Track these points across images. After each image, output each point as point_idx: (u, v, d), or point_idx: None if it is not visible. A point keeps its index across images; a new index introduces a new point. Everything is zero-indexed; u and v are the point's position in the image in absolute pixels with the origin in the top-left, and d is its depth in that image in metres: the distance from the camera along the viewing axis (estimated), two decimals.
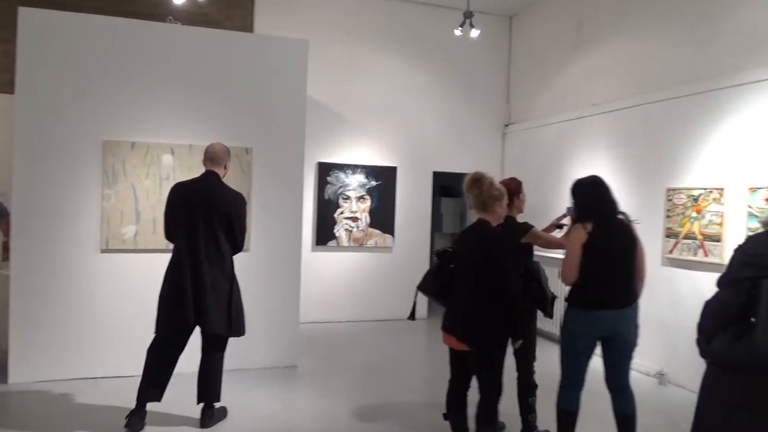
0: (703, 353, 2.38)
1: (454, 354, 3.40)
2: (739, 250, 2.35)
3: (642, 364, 5.68)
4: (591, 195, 3.49)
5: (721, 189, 4.90)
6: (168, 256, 3.91)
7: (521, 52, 8.25)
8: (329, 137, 7.57)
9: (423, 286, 3.50)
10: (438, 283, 3.41)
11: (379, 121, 7.82)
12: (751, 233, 4.58)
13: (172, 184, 4.13)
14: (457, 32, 6.77)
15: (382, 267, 7.57)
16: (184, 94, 5.16)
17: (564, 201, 6.39)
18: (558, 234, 4.15)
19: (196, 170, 4.57)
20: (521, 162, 7.87)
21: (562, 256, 3.41)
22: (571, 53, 7.07)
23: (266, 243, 5.31)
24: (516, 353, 3.69)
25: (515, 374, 3.83)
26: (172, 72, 5.14)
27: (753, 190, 4.61)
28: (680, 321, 5.14)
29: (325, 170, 7.56)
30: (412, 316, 3.76)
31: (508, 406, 3.96)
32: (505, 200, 3.39)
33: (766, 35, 4.65)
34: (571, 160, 6.82)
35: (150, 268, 4.55)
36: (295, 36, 5.99)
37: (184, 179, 4.14)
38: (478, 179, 3.33)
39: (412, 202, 7.84)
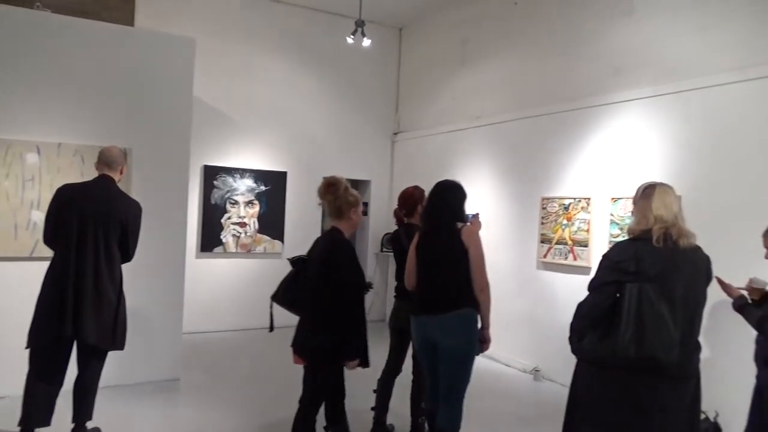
0: (574, 350, 2.63)
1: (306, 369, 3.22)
2: (606, 257, 2.58)
3: (519, 361, 6.07)
4: (430, 200, 3.39)
5: (588, 198, 5.37)
6: (30, 264, 3.55)
7: (410, 64, 8.51)
8: (217, 140, 7.32)
9: (276, 296, 3.27)
10: (291, 292, 3.22)
11: (269, 125, 7.69)
12: (613, 239, 5.07)
13: (37, 185, 3.76)
14: (349, 40, 6.84)
15: (270, 273, 7.30)
16: (55, 88, 4.73)
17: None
18: None
19: (66, 172, 4.20)
20: (409, 170, 8.09)
21: None
22: (457, 68, 7.41)
23: (147, 249, 4.96)
24: (414, 356, 3.78)
25: (411, 376, 3.96)
26: (41, 63, 4.70)
27: (614, 199, 5.11)
28: (554, 320, 5.54)
29: (211, 174, 7.28)
30: (271, 329, 3.38)
31: (402, 407, 4.06)
32: (361, 207, 3.24)
33: (624, 61, 5.18)
34: (456, 169, 7.13)
35: (9, 278, 4.10)
36: (178, 32, 5.73)
37: (71, 181, 3.82)
38: (332, 184, 3.15)
39: (303, 207, 7.78)
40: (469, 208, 3.56)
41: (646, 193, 2.57)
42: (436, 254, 3.24)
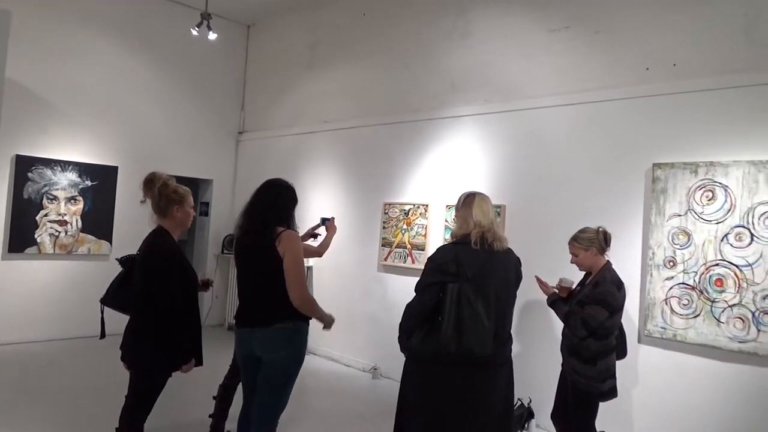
0: (403, 349, 2.79)
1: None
2: (430, 260, 2.78)
3: (358, 360, 6.24)
4: (254, 199, 3.10)
5: (426, 205, 5.72)
6: None
7: (258, 63, 8.35)
8: (35, 128, 6.50)
9: (106, 299, 3.08)
10: (122, 294, 3.03)
11: (100, 115, 7.02)
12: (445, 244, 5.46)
13: None
14: (194, 32, 6.52)
15: (95, 277, 6.70)
16: None
17: (309, 210, 6.66)
18: (313, 243, 4.18)
19: None
20: (255, 171, 7.92)
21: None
22: (305, 71, 7.44)
23: None
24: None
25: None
26: None
27: (449, 207, 5.50)
28: (392, 320, 5.75)
29: (25, 165, 6.44)
30: (102, 335, 3.15)
31: None
32: (188, 204, 3.05)
33: (461, 79, 5.62)
34: (304, 172, 7.14)
35: None
36: None
37: None
38: (150, 180, 2.99)
39: (136, 206, 7.20)
40: (324, 211, 3.55)
41: (467, 201, 2.85)
42: (254, 261, 2.99)
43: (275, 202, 3.06)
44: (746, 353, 3.70)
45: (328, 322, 3.20)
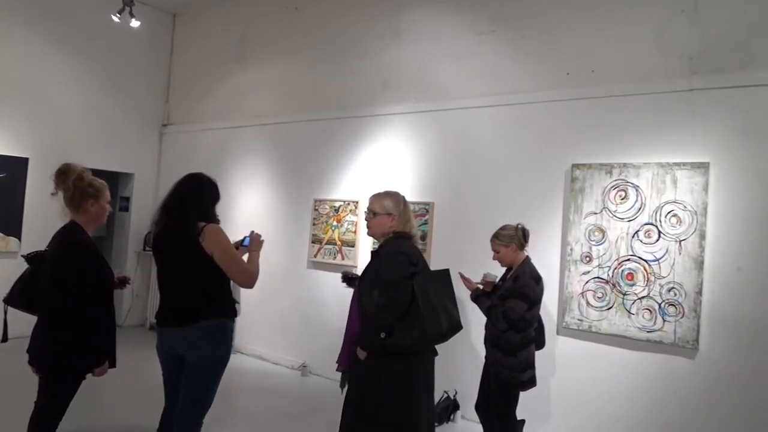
0: (384, 346, 2.74)
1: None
2: (402, 253, 2.85)
3: (287, 358, 6.18)
4: (174, 193, 2.98)
5: (357, 202, 5.74)
6: None
7: (184, 54, 8.06)
8: None
9: (10, 299, 2.90)
10: (28, 293, 2.86)
11: (9, 103, 6.56)
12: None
13: None
14: (115, 18, 6.23)
15: (2, 275, 6.31)
16: None
17: (237, 208, 6.49)
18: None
19: None
20: (180, 165, 7.59)
21: None
22: (235, 64, 7.26)
23: None
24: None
25: None
26: None
27: None
28: (322, 317, 5.78)
29: None
30: (4, 338, 2.97)
31: None
32: (104, 199, 2.93)
33: (392, 78, 5.67)
34: (233, 167, 6.98)
35: None
36: None
37: None
38: (63, 172, 2.85)
39: (49, 200, 6.78)
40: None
41: (405, 201, 3.07)
42: (176, 258, 2.87)
43: (196, 196, 2.93)
44: (653, 342, 3.96)
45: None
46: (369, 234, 3.12)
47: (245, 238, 3.22)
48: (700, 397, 3.83)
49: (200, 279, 2.83)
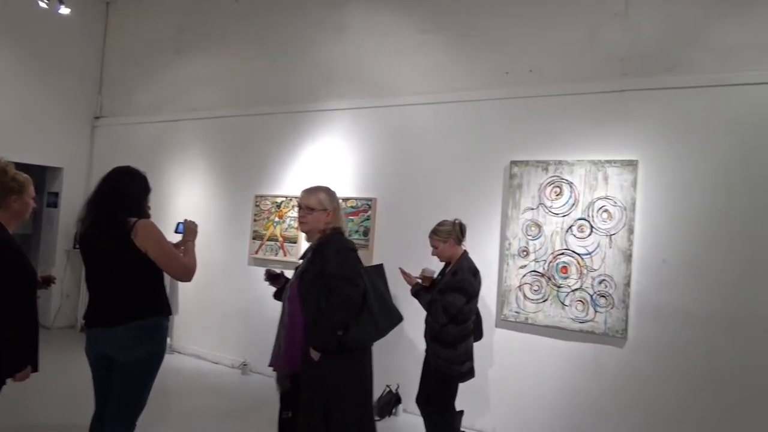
0: (341, 343, 2.73)
1: None
2: (350, 250, 2.85)
3: (227, 357, 6.06)
4: (101, 187, 2.85)
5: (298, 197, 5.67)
6: None
7: (118, 44, 7.73)
8: None
9: None
10: None
11: None
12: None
13: None
14: (42, 5, 5.90)
15: None
16: None
17: (174, 204, 6.29)
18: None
19: None
20: (113, 158, 7.20)
21: None
22: (173, 56, 7.03)
23: None
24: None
25: None
26: None
27: None
28: (263, 315, 5.69)
29: None
30: None
31: None
32: (28, 195, 2.79)
33: (335, 73, 5.64)
34: (170, 162, 6.76)
35: None
36: None
37: None
38: None
39: None
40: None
41: (336, 196, 3.05)
42: (105, 255, 2.73)
43: (124, 191, 2.81)
44: (585, 332, 4.13)
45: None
46: (303, 230, 3.03)
47: (178, 224, 3.15)
48: (628, 383, 4.02)
49: (132, 276, 2.73)
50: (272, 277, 3.17)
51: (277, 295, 3.14)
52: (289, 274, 3.21)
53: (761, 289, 3.67)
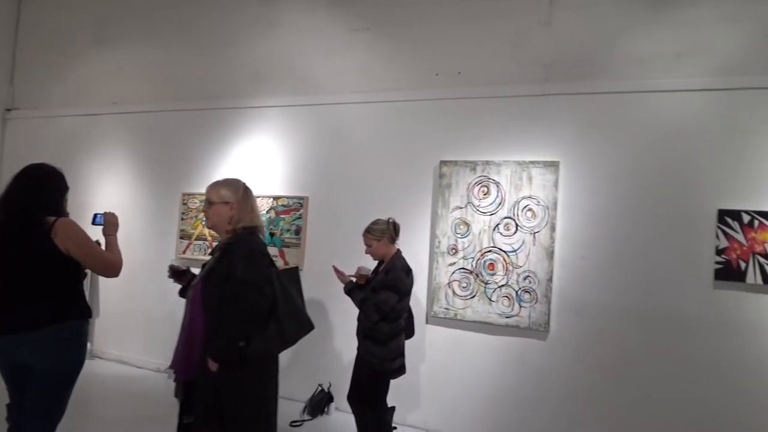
0: (242, 355, 2.50)
1: None
2: (257, 252, 2.64)
3: (152, 361, 5.85)
4: (13, 185, 2.70)
5: None
6: None
7: (32, 32, 7.26)
8: None
9: None
10: None
11: None
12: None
13: None
14: None
15: None
16: None
17: (95, 203, 5.97)
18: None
19: None
20: (28, 154, 6.78)
21: None
22: (92, 46, 6.68)
23: None
24: None
25: None
26: None
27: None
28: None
29: None
30: None
31: None
32: None
33: (266, 70, 5.55)
34: (89, 158, 6.43)
35: None
36: None
37: None
38: None
39: None
40: (101, 205, 3.21)
41: (248, 192, 2.83)
42: (19, 258, 2.59)
43: (41, 189, 2.68)
44: (511, 326, 4.29)
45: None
46: (207, 226, 2.84)
47: (96, 215, 3.00)
48: (551, 374, 4.21)
49: (51, 278, 2.61)
50: (176, 274, 2.94)
51: (183, 293, 2.91)
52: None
53: (668, 284, 3.95)
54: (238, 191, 2.78)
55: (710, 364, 3.83)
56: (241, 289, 2.49)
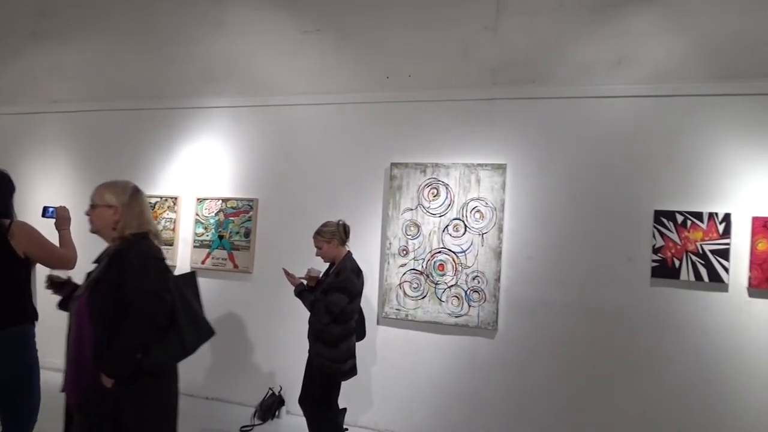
0: (140, 367, 2.31)
1: None
2: (155, 259, 2.44)
3: None
4: None
5: (176, 198, 5.44)
6: None
7: None
8: None
9: None
10: None
11: None
12: (197, 238, 5.27)
13: None
14: None
15: None
16: None
17: (33, 206, 5.68)
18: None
19: None
20: None
21: None
22: (30, 40, 6.40)
23: None
24: None
25: None
26: None
27: (200, 200, 5.32)
28: None
29: None
30: None
31: None
32: None
33: (216, 70, 5.46)
34: (27, 159, 6.15)
35: None
36: None
37: None
38: None
39: None
40: (50, 201, 3.13)
41: (137, 195, 2.60)
42: None
43: None
44: (461, 326, 4.37)
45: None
46: (91, 231, 2.61)
47: (46, 208, 3.02)
48: (499, 371, 4.32)
49: (5, 280, 2.63)
50: (56, 285, 2.61)
51: (64, 305, 2.63)
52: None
53: (609, 282, 4.11)
54: (124, 194, 2.54)
55: (649, 358, 4.01)
56: (137, 298, 2.29)
